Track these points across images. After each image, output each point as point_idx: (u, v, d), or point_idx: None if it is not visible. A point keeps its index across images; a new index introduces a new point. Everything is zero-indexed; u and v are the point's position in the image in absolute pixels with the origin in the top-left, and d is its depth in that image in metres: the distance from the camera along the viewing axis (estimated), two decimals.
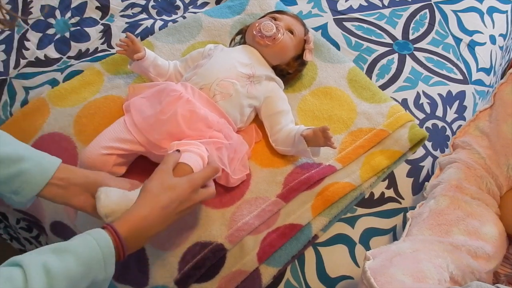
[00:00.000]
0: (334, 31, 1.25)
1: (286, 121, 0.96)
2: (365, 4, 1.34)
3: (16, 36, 1.17)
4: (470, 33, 1.30)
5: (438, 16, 1.33)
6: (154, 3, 1.30)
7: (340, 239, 0.92)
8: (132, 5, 1.28)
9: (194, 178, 0.73)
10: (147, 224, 0.67)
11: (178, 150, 0.78)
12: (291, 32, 1.02)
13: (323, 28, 1.26)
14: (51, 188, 0.73)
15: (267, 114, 0.98)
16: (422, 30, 1.29)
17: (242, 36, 1.07)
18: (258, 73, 0.96)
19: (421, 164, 1.04)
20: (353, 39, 1.24)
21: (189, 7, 1.31)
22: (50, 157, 0.75)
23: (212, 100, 0.90)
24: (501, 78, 0.97)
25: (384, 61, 1.20)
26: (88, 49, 1.17)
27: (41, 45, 1.16)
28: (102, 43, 1.18)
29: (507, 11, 1.41)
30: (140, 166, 0.91)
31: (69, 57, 1.15)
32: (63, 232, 0.95)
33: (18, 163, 0.69)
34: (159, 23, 1.22)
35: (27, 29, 1.19)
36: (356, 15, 1.30)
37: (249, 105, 0.95)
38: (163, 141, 0.84)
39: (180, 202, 0.70)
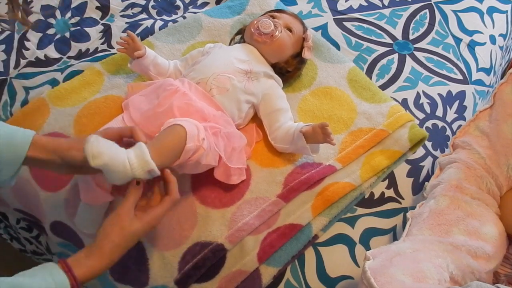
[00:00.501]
0: (334, 31, 1.25)
1: (285, 119, 0.96)
2: (365, 4, 1.34)
3: (16, 36, 1.17)
4: (470, 33, 1.30)
5: (438, 16, 1.33)
6: (154, 3, 1.30)
7: (340, 239, 0.92)
8: (132, 5, 1.28)
9: (153, 218, 0.72)
10: (105, 269, 0.69)
11: (138, 183, 0.73)
12: (290, 30, 1.02)
13: (323, 28, 1.26)
14: (30, 161, 0.72)
15: (265, 112, 0.98)
16: (422, 30, 1.29)
17: (242, 35, 1.07)
18: (256, 69, 0.96)
19: (421, 164, 1.04)
20: (353, 39, 1.24)
21: (189, 7, 1.31)
22: (22, 133, 0.72)
23: (208, 94, 0.90)
24: (501, 78, 0.97)
25: (384, 61, 1.20)
26: (88, 49, 1.17)
27: (41, 45, 1.16)
28: (102, 43, 1.18)
29: (507, 11, 1.41)
30: None
31: (69, 57, 1.15)
32: (63, 232, 0.95)
33: None
34: (159, 23, 1.22)
35: (27, 29, 1.19)
36: (356, 15, 1.30)
37: (247, 101, 0.95)
38: None
39: (139, 238, 0.72)
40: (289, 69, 1.04)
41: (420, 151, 1.06)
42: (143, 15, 1.26)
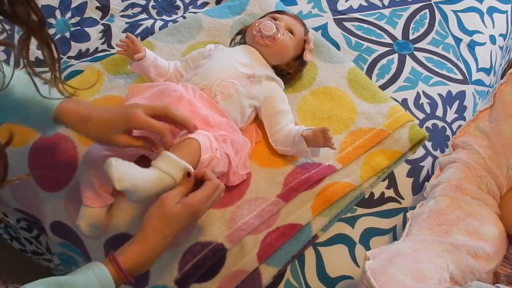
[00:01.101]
0: (334, 31, 1.25)
1: (286, 121, 0.96)
2: (365, 4, 1.34)
3: (16, 36, 1.17)
4: (470, 33, 1.30)
5: (438, 16, 1.33)
6: (154, 3, 1.30)
7: (340, 239, 0.92)
8: (132, 5, 1.28)
9: (195, 200, 0.71)
10: (150, 255, 0.69)
11: (189, 175, 0.73)
12: (291, 32, 1.02)
13: (323, 28, 1.26)
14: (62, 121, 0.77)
15: (267, 114, 0.98)
16: (422, 30, 1.29)
17: (242, 36, 1.07)
18: (259, 73, 0.96)
19: (421, 164, 1.04)
20: (353, 39, 1.24)
21: (189, 7, 1.31)
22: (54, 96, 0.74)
23: (213, 101, 0.90)
24: (501, 78, 0.97)
25: (384, 61, 1.20)
26: (88, 49, 1.17)
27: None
28: (102, 43, 1.18)
29: (507, 11, 1.41)
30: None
31: (69, 57, 1.15)
32: (63, 232, 0.95)
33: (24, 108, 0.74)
34: (159, 23, 1.22)
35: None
36: (356, 15, 1.30)
37: (250, 105, 0.95)
38: None
39: (181, 228, 0.71)
40: (290, 71, 1.04)
41: (420, 151, 1.06)
42: (143, 15, 1.26)
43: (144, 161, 0.90)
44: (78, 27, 1.21)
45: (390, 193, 0.99)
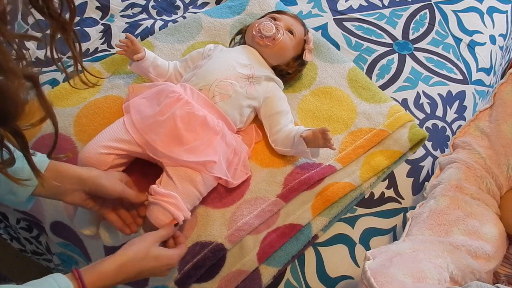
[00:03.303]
0: (334, 31, 1.25)
1: (286, 122, 0.96)
2: (365, 4, 1.34)
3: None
4: (470, 33, 1.30)
5: (438, 16, 1.33)
6: (154, 3, 1.30)
7: (340, 239, 0.92)
8: (132, 5, 1.28)
9: (174, 258, 0.75)
10: (115, 282, 0.68)
11: (176, 224, 0.79)
12: (291, 32, 1.02)
13: (323, 28, 1.26)
14: (42, 188, 0.72)
15: (266, 114, 0.98)
16: (422, 30, 1.29)
17: (242, 36, 1.07)
18: (258, 73, 0.96)
19: (421, 164, 1.04)
20: (353, 39, 1.24)
21: (189, 7, 1.31)
22: (39, 157, 0.73)
23: (211, 102, 0.90)
24: (501, 78, 0.97)
25: (384, 61, 1.20)
26: (88, 49, 1.17)
27: (41, 45, 1.16)
28: (102, 43, 1.18)
29: (507, 11, 1.41)
30: (139, 169, 0.91)
31: (69, 57, 1.15)
32: (63, 232, 0.95)
33: None
34: (159, 23, 1.22)
35: (27, 29, 1.18)
36: (356, 15, 1.30)
37: (248, 106, 0.95)
38: (159, 143, 0.83)
39: (154, 272, 0.73)
40: (289, 71, 1.04)
41: (420, 151, 1.06)
42: (143, 15, 1.26)
43: (142, 162, 0.91)
44: (78, 27, 1.21)
45: (390, 193, 0.99)
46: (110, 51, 1.16)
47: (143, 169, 0.91)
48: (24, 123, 0.54)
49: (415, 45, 1.25)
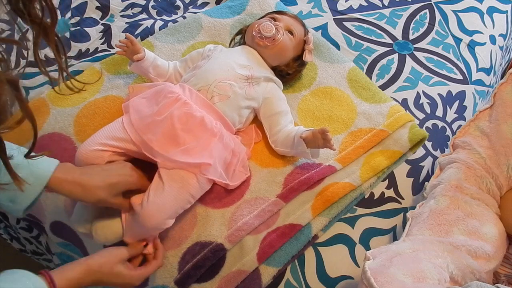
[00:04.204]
0: (334, 31, 1.25)
1: (285, 122, 0.96)
2: (365, 4, 1.34)
3: (16, 36, 1.17)
4: (470, 33, 1.30)
5: (438, 16, 1.33)
6: (154, 3, 1.30)
7: (340, 239, 0.92)
8: (132, 5, 1.28)
9: (138, 276, 0.77)
10: (78, 285, 0.70)
11: (146, 245, 0.82)
12: (291, 32, 1.02)
13: (323, 28, 1.26)
14: (47, 192, 0.74)
15: (266, 115, 0.98)
16: (422, 30, 1.29)
17: (242, 36, 1.07)
18: (257, 74, 0.96)
19: (421, 164, 1.04)
20: (353, 39, 1.24)
21: (189, 7, 1.31)
22: (43, 164, 0.73)
23: (209, 102, 0.90)
24: (501, 78, 0.97)
25: (384, 61, 1.20)
26: (88, 49, 1.17)
27: (41, 45, 1.16)
28: (102, 43, 1.18)
29: (507, 11, 1.41)
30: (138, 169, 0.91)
31: (69, 57, 1.15)
32: (63, 232, 0.95)
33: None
34: (159, 23, 1.22)
35: (27, 29, 1.18)
36: (356, 15, 1.30)
37: (247, 107, 0.95)
38: (156, 142, 0.83)
39: (115, 285, 0.76)
40: (289, 72, 1.04)
41: (420, 151, 1.06)
42: (143, 15, 1.26)
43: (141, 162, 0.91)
44: (78, 27, 1.21)
45: (390, 193, 0.99)
46: (110, 51, 1.16)
47: (143, 169, 0.90)
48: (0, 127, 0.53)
49: (415, 45, 1.25)
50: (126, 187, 0.80)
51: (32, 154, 0.63)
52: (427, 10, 1.34)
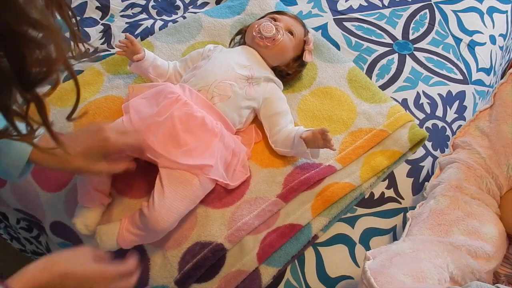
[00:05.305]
0: (334, 31, 1.25)
1: (285, 122, 0.96)
2: (365, 4, 1.34)
3: None
4: (470, 33, 1.30)
5: (438, 16, 1.33)
6: (154, 3, 1.30)
7: (340, 239, 0.92)
8: (132, 5, 1.28)
9: (106, 274, 0.66)
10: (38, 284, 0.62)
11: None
12: (291, 33, 1.02)
13: (323, 28, 1.26)
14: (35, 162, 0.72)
15: (266, 115, 0.98)
16: (422, 30, 1.29)
17: (242, 36, 1.07)
18: (257, 74, 0.96)
19: (421, 164, 1.04)
20: (353, 39, 1.24)
21: (189, 7, 1.31)
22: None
23: (210, 103, 0.90)
24: (501, 78, 0.97)
25: (384, 61, 1.20)
26: (88, 49, 1.17)
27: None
28: (102, 43, 1.18)
29: (507, 11, 1.41)
30: (138, 169, 0.91)
31: (69, 57, 1.15)
32: (63, 232, 0.95)
33: None
34: (159, 23, 1.22)
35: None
36: (356, 15, 1.30)
37: (247, 107, 0.95)
38: (157, 143, 0.83)
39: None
40: (289, 72, 1.04)
41: (420, 151, 1.06)
42: (143, 15, 1.26)
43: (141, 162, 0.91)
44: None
45: (390, 193, 0.99)
46: (110, 51, 1.16)
47: (142, 169, 0.91)
48: None
49: (415, 45, 1.25)
50: (102, 151, 0.75)
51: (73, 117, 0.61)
52: (427, 10, 1.34)
